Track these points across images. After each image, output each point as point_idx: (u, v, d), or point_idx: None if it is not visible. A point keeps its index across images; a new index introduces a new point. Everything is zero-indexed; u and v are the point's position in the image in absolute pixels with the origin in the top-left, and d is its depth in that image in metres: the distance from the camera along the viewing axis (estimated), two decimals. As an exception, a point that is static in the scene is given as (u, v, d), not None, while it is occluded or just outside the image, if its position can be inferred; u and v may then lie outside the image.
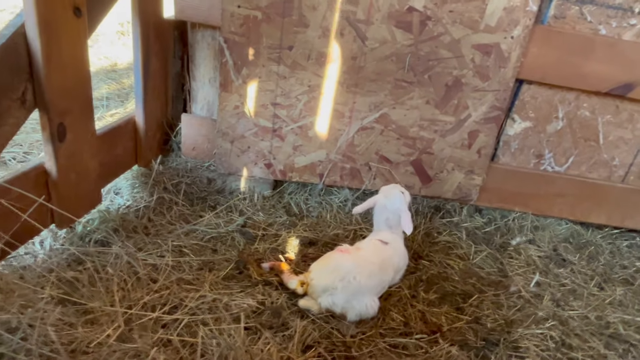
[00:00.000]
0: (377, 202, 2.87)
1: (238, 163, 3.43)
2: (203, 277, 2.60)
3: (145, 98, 3.09)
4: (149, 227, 3.00)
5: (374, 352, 2.28)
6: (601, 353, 2.48)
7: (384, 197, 2.85)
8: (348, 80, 3.16)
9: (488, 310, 2.73)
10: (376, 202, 2.87)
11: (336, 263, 2.51)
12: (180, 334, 2.17)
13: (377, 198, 2.88)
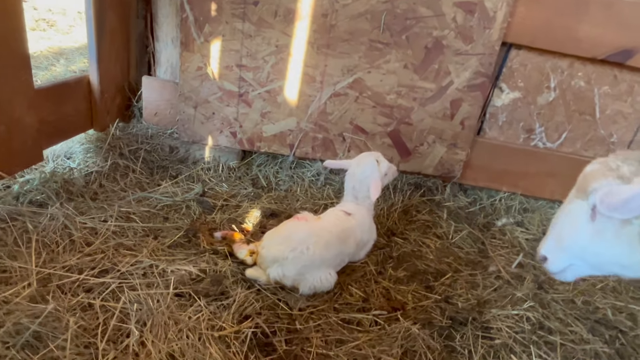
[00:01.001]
0: (349, 168, 2.62)
1: (202, 130, 3.20)
2: (146, 243, 2.37)
3: (99, 56, 2.87)
4: (98, 192, 2.78)
5: (322, 326, 2.03)
6: (584, 338, 2.20)
7: (356, 164, 2.60)
8: (319, 40, 2.92)
9: (461, 289, 2.46)
10: (348, 167, 2.62)
11: (289, 232, 2.26)
12: (105, 298, 1.94)
13: (350, 163, 2.62)
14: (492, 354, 2.02)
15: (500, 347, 2.05)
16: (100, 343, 1.64)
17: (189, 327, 1.77)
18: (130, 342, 1.64)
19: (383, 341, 1.97)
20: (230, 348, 1.77)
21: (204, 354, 1.66)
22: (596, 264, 1.68)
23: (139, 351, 1.61)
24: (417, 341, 1.99)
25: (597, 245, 1.59)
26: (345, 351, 1.88)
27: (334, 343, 1.93)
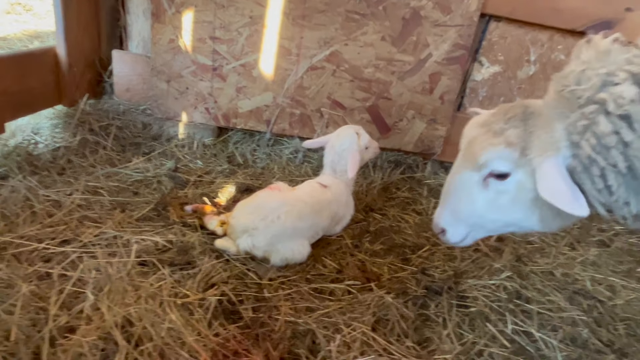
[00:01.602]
0: (328, 141, 2.55)
1: (176, 106, 3.11)
2: (112, 216, 2.28)
3: (66, 27, 2.77)
4: (66, 168, 2.68)
5: (292, 295, 1.96)
6: (562, 307, 2.15)
7: (336, 136, 2.53)
8: (294, 11, 2.84)
9: (438, 261, 2.40)
10: (328, 140, 2.55)
11: (260, 201, 2.19)
12: (64, 267, 1.85)
13: (330, 136, 2.56)
14: (467, 321, 1.97)
15: (476, 315, 1.99)
16: (53, 308, 1.55)
17: (149, 294, 1.69)
18: (84, 307, 1.55)
19: (355, 309, 1.91)
20: (193, 315, 1.69)
21: (163, 319, 1.58)
22: (494, 228, 1.69)
23: (92, 316, 1.53)
24: (391, 309, 1.93)
25: (494, 213, 1.58)
26: (314, 318, 1.81)
27: (303, 311, 1.86)
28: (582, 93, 1.29)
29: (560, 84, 1.38)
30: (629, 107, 1.20)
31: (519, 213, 1.54)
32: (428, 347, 1.82)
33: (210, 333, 1.63)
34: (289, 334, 1.71)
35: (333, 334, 1.74)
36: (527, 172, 1.44)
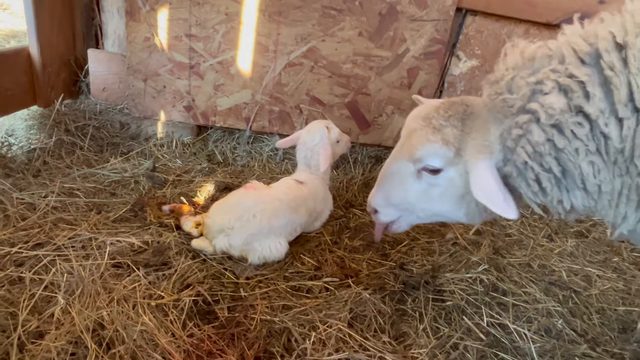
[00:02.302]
0: (300, 137, 2.54)
1: (154, 105, 3.08)
2: (87, 218, 2.26)
3: (39, 26, 2.72)
4: (41, 169, 2.65)
5: (270, 293, 1.96)
6: (537, 298, 2.18)
7: (306, 131, 2.53)
8: (270, 7, 2.82)
9: (417, 256, 2.42)
10: (299, 137, 2.55)
11: (235, 201, 2.18)
12: (37, 271, 1.83)
13: (301, 132, 2.56)
14: (444, 315, 1.98)
15: (452, 309, 2.01)
16: (23, 313, 1.53)
17: (122, 296, 1.68)
18: (55, 311, 1.54)
19: (331, 306, 1.92)
20: (167, 316, 1.69)
21: (136, 322, 1.57)
22: (423, 216, 1.78)
23: (63, 320, 1.51)
24: (368, 305, 1.94)
25: (424, 203, 1.67)
26: (290, 316, 1.81)
27: (279, 309, 1.87)
28: (514, 102, 1.32)
29: (492, 89, 1.41)
30: (559, 116, 1.23)
31: (446, 206, 1.63)
32: (404, 341, 1.83)
33: (185, 334, 1.62)
34: (265, 333, 1.71)
35: (309, 331, 1.75)
36: (459, 171, 1.51)
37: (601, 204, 1.31)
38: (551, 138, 1.26)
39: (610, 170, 1.24)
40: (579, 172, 1.27)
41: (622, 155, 1.20)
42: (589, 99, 1.19)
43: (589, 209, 1.37)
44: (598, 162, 1.24)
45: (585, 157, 1.24)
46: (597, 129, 1.20)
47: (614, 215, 1.32)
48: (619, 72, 1.15)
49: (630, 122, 1.16)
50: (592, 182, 1.27)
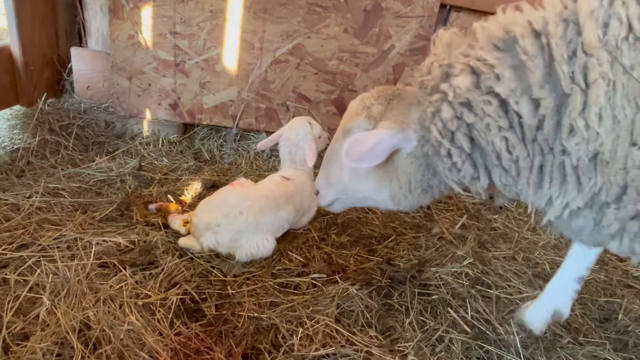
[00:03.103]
0: (282, 135, 2.55)
1: (139, 103, 3.06)
2: (73, 218, 2.25)
3: (20, 24, 2.69)
4: (25, 169, 2.62)
5: (257, 290, 1.97)
6: (521, 291, 2.22)
7: (289, 128, 2.53)
8: (255, 5, 2.81)
9: (403, 251, 2.44)
10: (281, 134, 2.55)
11: (222, 198, 2.18)
12: (22, 273, 1.82)
13: (283, 129, 2.56)
14: (430, 309, 2.01)
15: (438, 302, 2.04)
16: (7, 315, 1.52)
17: (108, 295, 1.68)
18: (40, 312, 1.53)
19: (319, 302, 1.93)
20: (155, 315, 1.69)
21: (123, 322, 1.57)
22: (357, 198, 1.86)
23: (48, 321, 1.51)
24: (355, 301, 1.96)
25: (355, 183, 1.77)
26: (278, 313, 1.82)
27: (267, 306, 1.88)
28: (429, 83, 1.43)
29: (418, 73, 1.52)
30: (467, 95, 1.32)
31: (372, 185, 1.71)
32: (391, 335, 1.85)
33: (172, 332, 1.63)
34: (252, 330, 1.72)
35: (296, 327, 1.76)
36: None
37: (521, 182, 1.37)
38: (460, 115, 1.34)
39: (528, 147, 1.30)
40: (492, 148, 1.35)
41: (541, 133, 1.27)
42: (499, 80, 1.27)
43: (509, 188, 1.43)
44: (512, 138, 1.31)
45: (498, 133, 1.31)
46: (510, 107, 1.27)
47: (537, 197, 1.38)
48: (533, 57, 1.23)
49: (548, 102, 1.22)
50: (506, 158, 1.34)
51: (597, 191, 1.28)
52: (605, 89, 1.16)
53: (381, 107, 1.60)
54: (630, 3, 1.14)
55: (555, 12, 1.25)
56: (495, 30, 1.32)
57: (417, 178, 1.60)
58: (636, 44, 1.13)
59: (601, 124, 1.18)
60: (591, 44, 1.17)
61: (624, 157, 1.18)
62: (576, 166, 1.26)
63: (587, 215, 1.34)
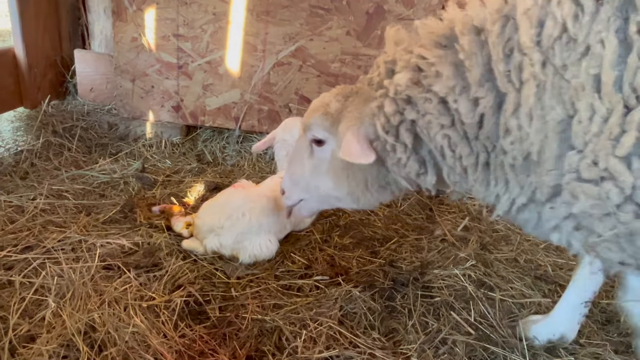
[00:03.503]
0: (276, 137, 2.54)
1: (142, 105, 3.07)
2: (77, 220, 2.26)
3: (24, 27, 2.70)
4: (29, 171, 2.64)
5: (261, 292, 1.98)
6: (524, 293, 2.22)
7: (282, 130, 2.52)
8: (258, 7, 2.82)
9: (406, 253, 2.45)
10: (275, 136, 2.54)
11: (224, 200, 2.20)
12: (27, 275, 1.83)
13: (276, 132, 2.55)
14: (432, 311, 2.02)
15: (440, 305, 2.04)
16: (13, 317, 1.53)
17: (113, 298, 1.69)
18: (45, 315, 1.54)
19: (322, 304, 1.94)
20: (159, 317, 1.70)
21: (128, 324, 1.58)
22: (319, 197, 1.82)
23: (54, 323, 1.52)
24: (358, 303, 1.96)
25: (316, 179, 1.75)
26: (281, 315, 1.83)
27: (270, 308, 1.88)
28: (375, 79, 1.46)
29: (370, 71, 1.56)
30: (407, 91, 1.33)
31: (331, 182, 1.70)
32: (394, 338, 1.86)
33: (176, 335, 1.64)
34: (256, 332, 1.73)
35: (300, 329, 1.77)
36: (338, 142, 1.59)
37: (469, 179, 1.38)
38: (402, 111, 1.36)
39: (471, 144, 1.31)
40: (434, 145, 1.36)
41: (483, 132, 1.27)
42: (438, 78, 1.28)
43: (460, 185, 1.45)
44: (453, 136, 1.32)
45: (440, 131, 1.32)
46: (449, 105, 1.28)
47: (486, 194, 1.40)
48: (472, 55, 1.22)
49: (486, 100, 1.22)
50: (449, 155, 1.35)
51: (534, 189, 1.28)
52: (535, 89, 1.15)
53: (338, 104, 1.61)
54: (565, 2, 1.11)
55: (494, 8, 1.22)
56: (437, 27, 1.33)
57: (372, 174, 1.60)
58: (569, 44, 1.11)
59: (531, 124, 1.17)
60: (525, 43, 1.15)
61: (553, 158, 1.17)
62: (512, 165, 1.27)
63: (532, 209, 1.34)
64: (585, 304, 1.89)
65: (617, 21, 1.05)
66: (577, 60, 1.09)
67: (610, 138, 1.07)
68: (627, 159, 1.07)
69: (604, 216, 1.16)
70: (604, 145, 1.08)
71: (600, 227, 1.18)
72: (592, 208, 1.15)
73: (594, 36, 1.07)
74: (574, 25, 1.09)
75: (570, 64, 1.10)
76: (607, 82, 1.05)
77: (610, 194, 1.10)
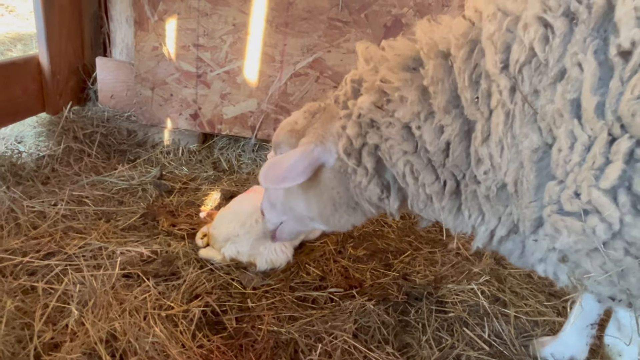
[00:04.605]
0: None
1: (161, 113, 3.12)
2: (97, 226, 2.30)
3: (49, 35, 2.77)
4: (50, 177, 2.69)
5: (276, 304, 2.00)
6: (538, 310, 2.22)
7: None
8: (277, 19, 2.86)
9: (419, 266, 2.46)
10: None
11: (236, 208, 2.23)
12: (49, 281, 1.87)
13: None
14: (446, 327, 2.02)
15: (454, 320, 2.05)
16: (38, 324, 1.57)
17: (133, 307, 1.72)
18: (69, 322, 1.58)
19: (337, 317, 1.96)
20: (177, 327, 1.73)
21: (147, 333, 1.61)
22: (295, 218, 1.75)
23: (77, 331, 1.56)
24: (372, 317, 1.98)
25: (289, 200, 1.68)
26: (297, 328, 1.85)
27: (286, 320, 1.91)
28: (341, 98, 1.41)
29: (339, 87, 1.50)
30: (370, 115, 1.28)
31: (302, 201, 1.63)
32: (407, 352, 1.87)
33: (194, 345, 1.67)
34: (272, 344, 1.76)
35: (315, 342, 1.79)
36: None
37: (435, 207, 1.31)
38: (364, 134, 1.31)
39: (438, 171, 1.25)
40: (396, 170, 1.31)
41: (449, 160, 1.20)
42: (402, 103, 1.22)
43: (426, 212, 1.38)
44: (416, 163, 1.26)
45: (402, 157, 1.27)
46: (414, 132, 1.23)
47: (459, 223, 1.33)
48: (438, 81, 1.16)
49: (452, 128, 1.16)
50: (411, 183, 1.30)
51: (515, 221, 1.19)
52: (503, 117, 1.08)
53: (305, 121, 1.56)
54: (531, 25, 1.03)
55: (460, 32, 1.15)
56: (404, 48, 1.27)
57: (340, 194, 1.51)
58: (540, 69, 1.03)
59: (502, 153, 1.10)
60: (490, 69, 1.09)
61: (532, 189, 1.08)
62: (487, 195, 1.20)
63: (516, 240, 1.27)
64: (591, 326, 1.85)
65: (594, 42, 0.96)
66: (550, 84, 1.02)
67: (593, 168, 0.98)
68: (612, 191, 0.98)
69: (590, 252, 1.07)
70: (586, 176, 0.99)
71: (588, 263, 1.09)
72: (576, 243, 1.07)
73: (570, 58, 0.99)
74: (543, 48, 1.01)
75: (542, 89, 1.03)
76: (588, 108, 0.97)
77: (596, 230, 1.01)
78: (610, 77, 0.95)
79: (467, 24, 1.16)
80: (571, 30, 0.99)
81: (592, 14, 0.96)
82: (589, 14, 0.97)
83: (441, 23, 1.25)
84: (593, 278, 1.11)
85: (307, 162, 1.44)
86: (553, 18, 1.00)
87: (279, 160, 1.45)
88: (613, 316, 1.61)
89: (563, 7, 1.00)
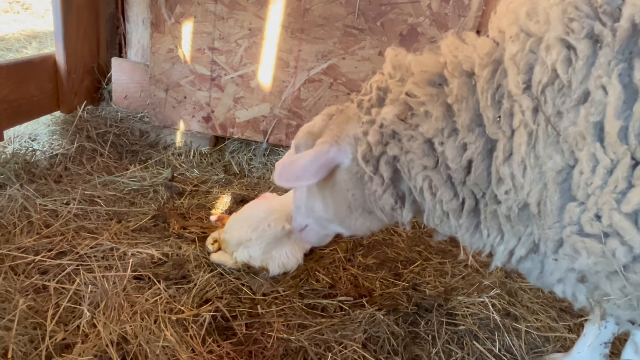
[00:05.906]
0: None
1: (174, 115, 3.13)
2: (108, 226, 2.31)
3: (66, 35, 2.78)
4: (63, 175, 2.71)
5: (286, 311, 2.00)
6: (549, 325, 2.20)
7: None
8: (293, 24, 2.87)
9: (429, 277, 2.44)
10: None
11: (248, 213, 2.23)
12: (60, 280, 1.88)
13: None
14: (456, 340, 2.01)
15: (464, 333, 2.04)
16: (50, 324, 1.58)
17: (145, 309, 1.72)
18: (80, 323, 1.58)
19: (346, 326, 1.95)
20: (187, 331, 1.72)
21: (158, 337, 1.61)
22: (317, 221, 1.75)
23: (89, 332, 1.56)
24: (381, 327, 1.97)
25: (310, 202, 1.69)
26: (306, 336, 1.85)
27: (295, 328, 1.90)
28: (365, 104, 1.40)
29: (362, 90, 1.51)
30: (393, 126, 1.28)
31: (319, 202, 1.64)
32: (417, 365, 1.86)
33: (204, 350, 1.66)
34: (281, 352, 1.75)
35: (324, 351, 1.78)
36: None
37: (452, 223, 1.31)
38: (385, 143, 1.31)
39: (457, 189, 1.24)
40: (414, 184, 1.30)
41: (470, 178, 1.20)
42: (427, 118, 1.22)
43: (442, 227, 1.38)
44: (435, 179, 1.25)
45: (421, 172, 1.26)
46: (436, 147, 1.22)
47: (475, 241, 1.33)
48: (462, 99, 1.16)
49: (475, 146, 1.16)
50: (428, 198, 1.29)
51: (536, 241, 1.18)
52: (526, 137, 1.08)
53: (323, 122, 1.56)
54: (553, 47, 1.02)
55: (484, 52, 1.15)
56: (431, 64, 1.26)
57: (356, 196, 1.51)
58: (563, 90, 1.02)
59: (525, 173, 1.10)
60: (512, 90, 1.09)
61: (556, 210, 1.07)
62: (508, 215, 1.18)
63: (535, 259, 1.26)
64: (605, 345, 1.84)
65: (619, 65, 0.95)
66: (573, 107, 1.01)
67: (615, 192, 0.98)
68: (633, 215, 0.97)
69: (610, 274, 1.06)
70: (608, 200, 0.99)
71: (608, 285, 1.09)
72: (595, 265, 1.06)
73: (594, 81, 0.98)
74: (566, 70, 1.01)
75: (565, 111, 1.02)
76: (611, 131, 0.96)
77: (616, 253, 1.01)
78: (635, 100, 0.94)
79: (492, 43, 1.16)
80: (594, 53, 0.98)
81: (617, 37, 0.95)
82: (614, 36, 0.96)
83: (465, 40, 1.25)
84: (612, 301, 1.10)
85: (322, 161, 1.45)
86: (576, 40, 1.00)
87: (294, 159, 1.46)
88: (630, 339, 1.59)
89: (586, 29, 0.99)
